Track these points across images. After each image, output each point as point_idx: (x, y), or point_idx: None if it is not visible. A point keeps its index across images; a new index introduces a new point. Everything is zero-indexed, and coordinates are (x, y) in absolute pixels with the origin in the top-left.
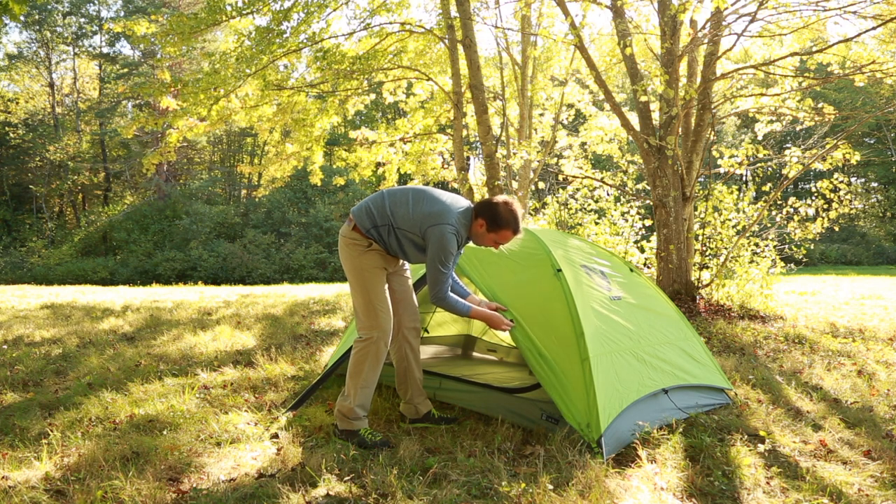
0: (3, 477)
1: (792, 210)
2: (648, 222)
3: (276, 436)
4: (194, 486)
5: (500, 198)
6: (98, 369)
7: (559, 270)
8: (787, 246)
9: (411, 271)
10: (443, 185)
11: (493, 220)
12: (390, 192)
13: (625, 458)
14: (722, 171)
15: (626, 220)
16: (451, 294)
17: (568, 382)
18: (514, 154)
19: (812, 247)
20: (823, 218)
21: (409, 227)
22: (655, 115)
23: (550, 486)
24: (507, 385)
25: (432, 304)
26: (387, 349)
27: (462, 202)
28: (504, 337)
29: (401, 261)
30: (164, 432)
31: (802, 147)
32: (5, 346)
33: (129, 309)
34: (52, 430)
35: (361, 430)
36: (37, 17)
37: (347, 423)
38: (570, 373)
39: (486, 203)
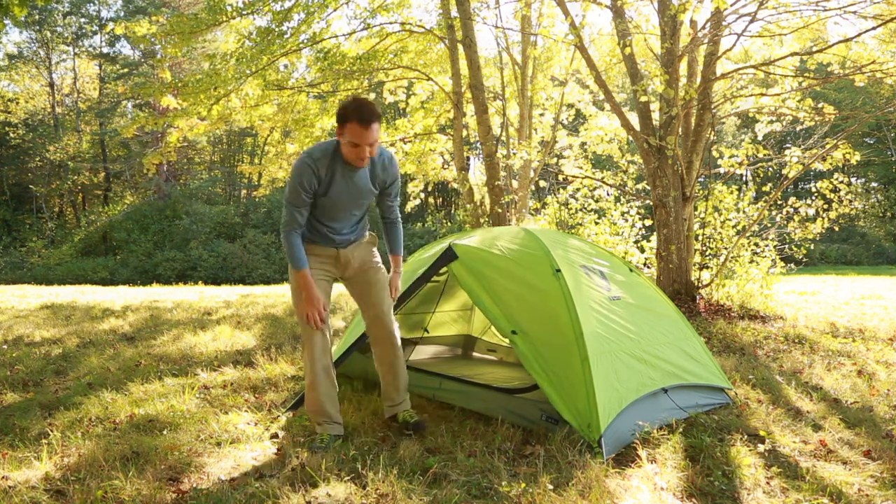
0: (3, 477)
1: (792, 210)
2: (648, 222)
3: (276, 436)
4: (194, 486)
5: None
6: (98, 369)
7: (558, 270)
8: (787, 246)
9: (403, 277)
10: (443, 184)
11: (339, 119)
12: None
13: (625, 458)
14: (722, 171)
15: (626, 220)
16: (297, 240)
17: (567, 382)
18: (514, 154)
19: (812, 247)
20: (823, 218)
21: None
22: (655, 115)
23: (550, 486)
24: (507, 385)
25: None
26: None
27: None
28: (503, 337)
29: (368, 259)
30: (164, 432)
31: (802, 147)
32: (5, 346)
33: (129, 309)
34: (52, 430)
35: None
36: (37, 17)
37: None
38: (569, 373)
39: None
